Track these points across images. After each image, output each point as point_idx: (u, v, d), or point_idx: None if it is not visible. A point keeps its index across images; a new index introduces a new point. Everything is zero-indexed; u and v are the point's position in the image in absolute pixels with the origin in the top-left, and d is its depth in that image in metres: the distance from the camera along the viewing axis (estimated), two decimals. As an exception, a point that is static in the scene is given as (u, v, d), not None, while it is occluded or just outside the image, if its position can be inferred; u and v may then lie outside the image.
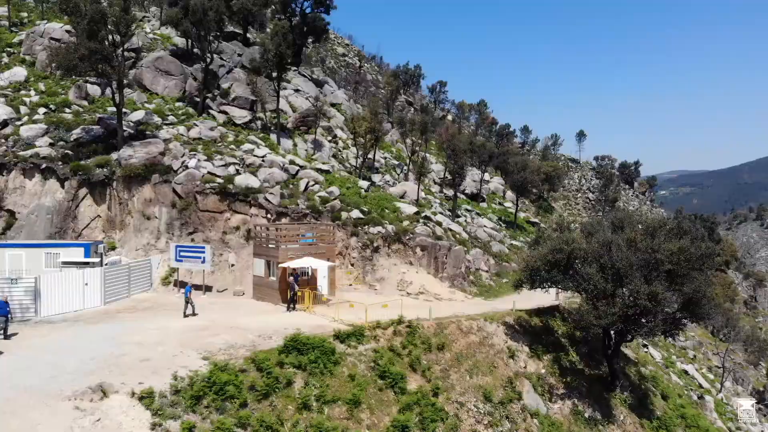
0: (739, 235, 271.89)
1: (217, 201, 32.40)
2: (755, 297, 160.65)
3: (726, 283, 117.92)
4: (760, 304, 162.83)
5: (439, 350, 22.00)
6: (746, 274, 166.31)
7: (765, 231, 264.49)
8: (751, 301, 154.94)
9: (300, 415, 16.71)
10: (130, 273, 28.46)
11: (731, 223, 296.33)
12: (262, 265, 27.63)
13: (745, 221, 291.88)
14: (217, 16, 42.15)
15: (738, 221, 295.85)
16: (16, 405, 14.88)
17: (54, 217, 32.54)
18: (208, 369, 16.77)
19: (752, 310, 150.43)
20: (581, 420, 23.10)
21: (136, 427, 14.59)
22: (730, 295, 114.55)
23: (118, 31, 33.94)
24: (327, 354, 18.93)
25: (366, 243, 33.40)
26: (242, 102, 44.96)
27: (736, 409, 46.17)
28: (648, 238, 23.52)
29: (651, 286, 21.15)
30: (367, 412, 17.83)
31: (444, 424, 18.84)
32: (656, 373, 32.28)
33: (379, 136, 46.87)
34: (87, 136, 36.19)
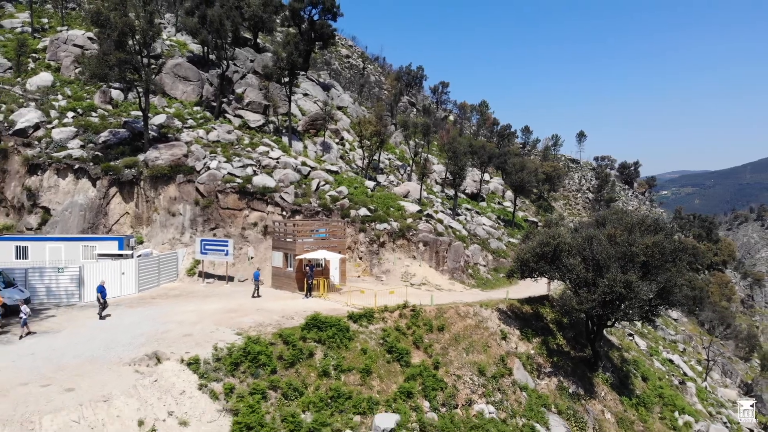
0: (740, 235, 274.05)
1: (236, 199, 35.49)
2: (752, 296, 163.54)
3: (723, 282, 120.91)
4: (756, 303, 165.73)
5: (439, 331, 25.06)
6: (744, 274, 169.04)
7: (765, 231, 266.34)
8: (748, 300, 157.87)
9: (321, 380, 19.78)
10: (160, 264, 31.57)
11: (732, 223, 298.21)
12: (281, 257, 30.71)
13: (746, 222, 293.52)
14: (233, 26, 45.19)
15: (738, 222, 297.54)
16: (84, 370, 17.99)
17: (86, 213, 35.65)
18: (243, 342, 19.85)
19: (749, 309, 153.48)
20: (565, 395, 26.12)
21: (187, 386, 17.67)
22: (727, 294, 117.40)
23: (145, 42, 37.03)
24: (342, 331, 22.02)
25: (373, 238, 36.45)
26: (256, 106, 48.03)
27: (720, 397, 49.21)
28: (626, 233, 26.52)
29: (626, 276, 24.17)
30: (377, 380, 20.89)
31: (443, 393, 21.88)
32: (638, 358, 35.32)
33: (384, 139, 49.91)
34: (114, 139, 39.26)
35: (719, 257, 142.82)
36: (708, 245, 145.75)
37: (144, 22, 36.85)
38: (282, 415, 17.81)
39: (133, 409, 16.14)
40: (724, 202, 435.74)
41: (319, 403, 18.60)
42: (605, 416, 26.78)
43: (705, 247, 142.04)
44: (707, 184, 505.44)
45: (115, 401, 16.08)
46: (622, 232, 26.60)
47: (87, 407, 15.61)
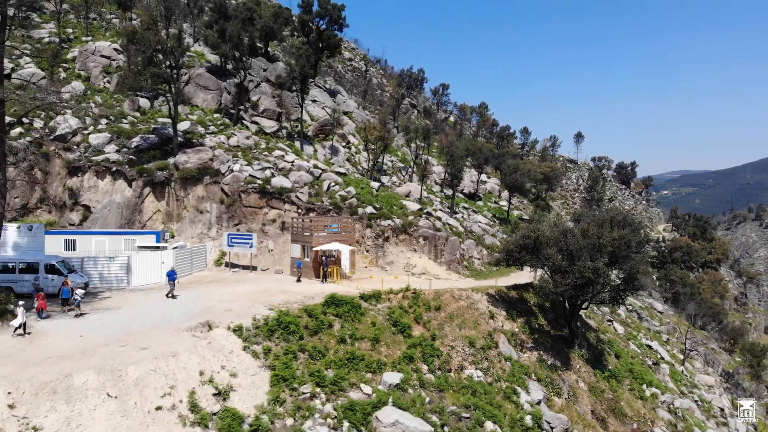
0: (738, 234, 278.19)
1: (257, 198, 40.13)
2: (745, 294, 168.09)
3: (716, 280, 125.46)
4: (750, 300, 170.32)
5: (436, 310, 29.69)
6: (738, 272, 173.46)
7: (764, 231, 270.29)
8: (741, 298, 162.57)
9: (339, 346, 24.41)
10: (192, 255, 36.23)
11: (730, 223, 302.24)
12: (299, 248, 35.37)
13: (744, 221, 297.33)
14: (250, 39, 49.81)
15: (737, 221, 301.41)
16: (151, 335, 22.63)
17: (123, 210, 40.32)
18: (276, 314, 24.50)
19: (742, 307, 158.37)
20: (544, 366, 30.74)
21: (234, 347, 22.30)
22: (720, 291, 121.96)
23: (174, 58, 41.67)
24: (355, 308, 26.67)
25: (378, 233, 41.10)
26: (270, 113, 52.68)
27: (697, 381, 53.80)
28: (597, 228, 31.13)
29: (594, 263, 28.77)
30: (384, 347, 25.53)
31: (439, 359, 26.52)
32: (614, 340, 39.96)
33: (387, 143, 54.53)
34: (144, 144, 43.91)
35: (713, 255, 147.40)
36: (702, 244, 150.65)
37: (173, 40, 41.49)
38: (309, 371, 22.44)
39: (195, 362, 20.77)
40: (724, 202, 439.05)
41: (338, 362, 23.24)
42: (579, 385, 31.42)
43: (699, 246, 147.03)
44: (707, 184, 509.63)
45: (180, 356, 20.72)
46: (593, 226, 31.22)
47: (160, 360, 20.25)
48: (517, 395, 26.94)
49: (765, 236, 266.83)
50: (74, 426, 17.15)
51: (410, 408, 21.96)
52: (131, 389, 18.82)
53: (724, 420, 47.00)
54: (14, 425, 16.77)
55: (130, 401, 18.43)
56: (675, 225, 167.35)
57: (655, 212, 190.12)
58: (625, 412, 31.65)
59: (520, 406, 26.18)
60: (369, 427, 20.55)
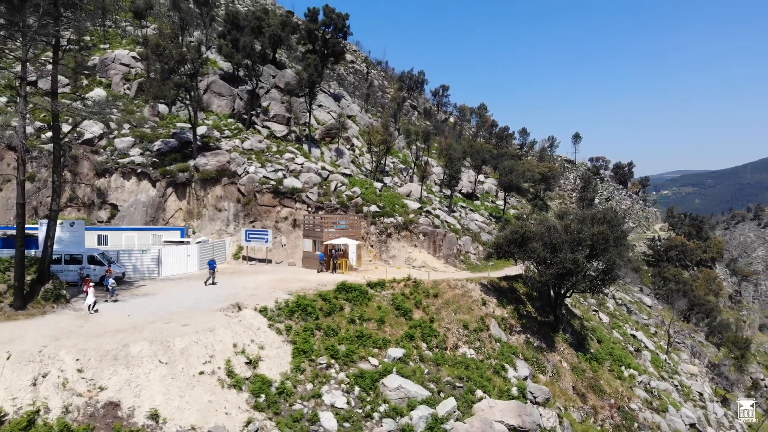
0: (737, 234, 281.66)
1: (271, 198, 44.00)
2: (740, 292, 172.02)
3: (710, 278, 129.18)
4: (744, 298, 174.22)
5: (434, 297, 33.56)
6: (733, 271, 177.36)
7: (762, 231, 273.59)
8: (736, 296, 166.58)
9: (349, 325, 28.28)
10: (214, 249, 40.11)
11: (729, 222, 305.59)
12: (310, 243, 39.25)
13: (743, 221, 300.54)
14: (262, 50, 53.66)
15: (736, 221, 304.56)
16: (189, 315, 26.49)
17: (148, 209, 44.21)
18: (295, 298, 28.38)
19: (737, 304, 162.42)
20: (531, 347, 34.60)
21: (261, 325, 26.15)
22: (715, 289, 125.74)
23: (194, 68, 45.54)
24: (363, 294, 30.55)
25: (382, 230, 44.96)
26: (280, 118, 56.56)
27: (680, 369, 57.58)
28: (578, 224, 34.97)
29: (574, 255, 32.62)
30: (388, 327, 29.41)
31: (436, 339, 30.37)
32: (597, 327, 43.81)
33: (390, 146, 58.40)
34: (165, 147, 47.76)
35: (708, 254, 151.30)
36: (697, 243, 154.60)
37: (193, 51, 45.36)
38: (325, 345, 26.31)
39: (229, 336, 24.64)
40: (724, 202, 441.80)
41: (349, 339, 27.10)
42: (562, 365, 35.28)
43: (694, 245, 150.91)
44: (707, 184, 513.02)
45: (217, 331, 24.58)
46: (575, 223, 35.06)
47: (200, 334, 24.11)
48: (505, 371, 30.78)
49: (763, 236, 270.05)
50: (134, 386, 21.00)
51: (411, 377, 25.85)
52: (178, 357, 22.68)
53: (702, 404, 50.88)
54: (83, 386, 20.64)
55: (178, 367, 22.29)
56: (671, 224, 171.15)
57: (652, 212, 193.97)
58: (604, 389, 35.52)
59: (507, 380, 30.04)
60: (376, 391, 24.43)
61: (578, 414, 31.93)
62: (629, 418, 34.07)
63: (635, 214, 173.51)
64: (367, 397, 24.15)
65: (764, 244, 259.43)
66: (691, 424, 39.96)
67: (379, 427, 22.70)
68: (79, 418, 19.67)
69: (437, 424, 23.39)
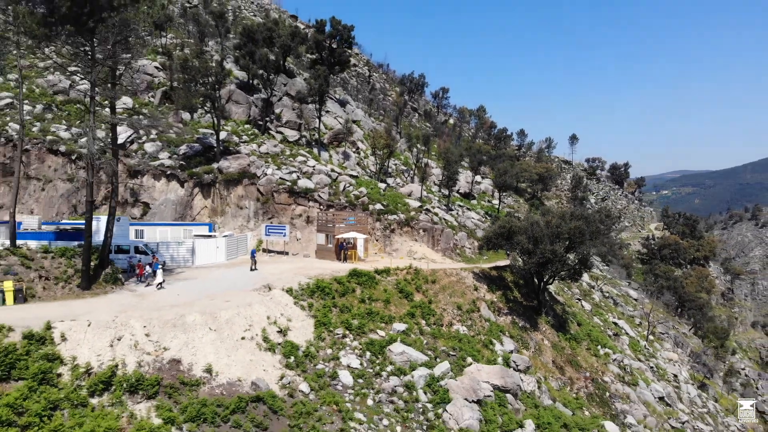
0: (734, 234, 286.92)
1: (286, 197, 49.55)
2: (732, 290, 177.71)
3: (702, 276, 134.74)
4: (736, 296, 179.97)
5: (432, 283, 39.12)
6: (726, 269, 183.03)
7: (759, 230, 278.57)
8: (728, 293, 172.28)
9: (360, 304, 33.85)
10: (238, 242, 45.67)
11: (727, 222, 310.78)
12: (323, 237, 44.81)
13: (741, 221, 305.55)
14: (276, 62, 59.24)
15: (734, 221, 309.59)
16: (228, 294, 32.02)
17: (177, 206, 49.78)
18: (314, 281, 33.96)
19: (729, 302, 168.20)
20: (516, 327, 40.14)
21: (288, 302, 31.71)
22: (707, 286, 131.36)
23: (217, 80, 51.10)
24: (371, 278, 36.12)
25: (386, 225, 50.53)
26: (292, 124, 62.15)
27: (659, 355, 63.05)
28: (557, 220, 40.52)
29: (553, 247, 38.16)
30: (393, 307, 34.97)
31: (434, 317, 35.92)
32: (578, 312, 49.35)
33: (393, 150, 63.94)
34: (190, 151, 53.32)
35: (701, 253, 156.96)
36: (691, 242, 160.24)
37: (217, 65, 50.93)
38: (340, 320, 31.86)
39: (263, 310, 30.19)
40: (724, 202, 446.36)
41: (361, 315, 32.67)
42: (544, 342, 40.84)
43: (687, 244, 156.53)
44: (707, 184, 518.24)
45: (253, 306, 30.15)
46: (555, 219, 40.62)
47: (240, 308, 29.66)
48: (493, 345, 36.34)
49: (760, 236, 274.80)
50: (191, 347, 26.54)
51: (413, 345, 31.43)
52: (224, 325, 28.25)
53: (676, 384, 56.47)
54: (151, 346, 26.17)
55: (224, 333, 27.85)
56: (666, 224, 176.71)
57: (647, 211, 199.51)
58: (581, 364, 41.09)
59: (494, 352, 35.60)
60: (384, 356, 30.02)
61: (556, 383, 37.49)
62: (601, 389, 39.65)
63: (630, 214, 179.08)
64: (376, 360, 29.74)
65: (761, 243, 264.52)
66: (660, 398, 45.53)
67: (387, 383, 28.29)
68: (149, 371, 25.19)
69: (434, 382, 28.99)
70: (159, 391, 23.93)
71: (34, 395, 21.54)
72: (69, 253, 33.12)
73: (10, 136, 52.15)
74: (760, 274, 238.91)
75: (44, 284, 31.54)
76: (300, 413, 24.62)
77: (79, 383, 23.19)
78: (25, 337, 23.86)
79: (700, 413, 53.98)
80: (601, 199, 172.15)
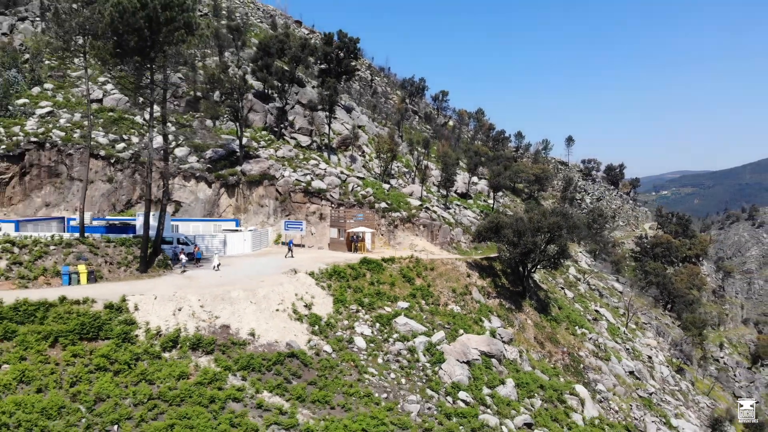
0: (731, 234, 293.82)
1: (302, 196, 56.59)
2: (723, 287, 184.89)
3: (693, 273, 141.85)
4: (727, 293, 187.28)
5: (431, 270, 46.15)
6: (717, 267, 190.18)
7: (755, 230, 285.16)
8: (719, 290, 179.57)
9: (370, 286, 40.92)
10: (261, 236, 52.70)
11: (724, 222, 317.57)
12: (336, 231, 51.86)
13: (737, 221, 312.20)
14: (291, 73, 66.36)
15: (731, 221, 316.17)
16: (262, 276, 39.07)
17: (205, 205, 56.82)
18: (331, 267, 41.04)
19: (720, 299, 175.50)
20: (503, 308, 47.15)
21: (311, 283, 38.76)
22: (698, 284, 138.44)
23: (241, 93, 58.16)
24: (379, 265, 43.18)
25: (390, 222, 57.59)
26: (304, 131, 69.23)
27: (637, 341, 69.98)
28: (539, 215, 47.52)
29: (534, 239, 45.18)
30: (397, 289, 42.03)
31: (432, 298, 42.94)
32: (561, 299, 56.39)
33: (395, 154, 71.00)
34: (215, 155, 60.35)
35: (692, 251, 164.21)
36: (683, 241, 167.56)
37: (239, 79, 58.01)
38: (354, 298, 38.90)
39: (291, 289, 37.22)
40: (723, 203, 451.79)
41: (371, 295, 39.70)
42: (527, 322, 47.89)
43: (679, 243, 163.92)
44: (707, 185, 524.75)
45: (284, 285, 37.19)
46: (537, 215, 47.65)
47: (273, 286, 36.71)
48: (482, 322, 43.36)
49: (757, 236, 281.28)
50: (236, 316, 33.56)
51: (414, 319, 38.48)
52: (261, 300, 35.29)
53: (650, 365, 63.52)
54: (205, 315, 33.18)
55: (262, 305, 34.89)
56: (660, 223, 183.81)
57: (642, 211, 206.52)
58: (559, 341, 48.14)
59: (483, 327, 42.62)
60: (390, 326, 37.07)
61: (536, 355, 44.53)
62: (576, 361, 46.69)
63: (625, 213, 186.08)
64: (384, 330, 36.81)
65: (758, 243, 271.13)
66: (630, 372, 52.58)
67: (393, 347, 35.34)
68: (206, 334, 32.19)
69: (431, 347, 36.05)
70: (215, 349, 30.90)
71: (120, 350, 28.58)
72: (128, 243, 40.23)
73: (54, 142, 59.10)
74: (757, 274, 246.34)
75: (109, 268, 38.65)
76: (325, 367, 31.64)
77: (152, 342, 30.14)
78: (106, 307, 30.88)
79: (671, 390, 61.08)
80: (596, 199, 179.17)
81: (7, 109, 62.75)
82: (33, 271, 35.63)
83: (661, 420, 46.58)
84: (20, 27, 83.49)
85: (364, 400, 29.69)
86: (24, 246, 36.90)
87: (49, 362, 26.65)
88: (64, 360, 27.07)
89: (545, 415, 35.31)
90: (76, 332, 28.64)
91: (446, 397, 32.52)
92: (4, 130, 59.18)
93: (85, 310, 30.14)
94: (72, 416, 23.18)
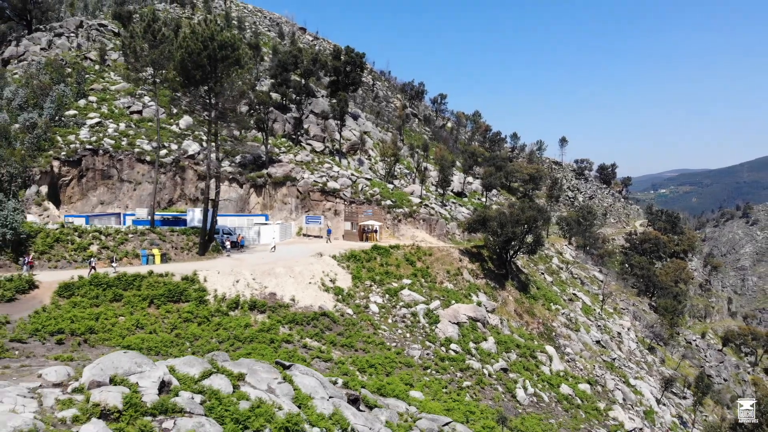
0: (726, 231, 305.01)
1: (319, 195, 67.63)
2: (710, 281, 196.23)
3: (679, 268, 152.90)
4: (713, 287, 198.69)
5: (429, 255, 57.27)
6: (705, 262, 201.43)
7: (749, 228, 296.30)
8: (706, 285, 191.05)
9: (380, 267, 52.07)
10: (286, 229, 63.75)
11: (718, 220, 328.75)
12: (349, 224, 62.94)
13: (732, 219, 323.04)
14: (306, 86, 77.43)
15: (725, 219, 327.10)
16: (296, 258, 50.20)
17: (237, 203, 67.85)
18: (349, 252, 52.18)
19: (706, 292, 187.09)
20: (489, 287, 58.26)
21: (333, 263, 49.85)
22: (684, 278, 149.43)
23: (267, 107, 69.15)
24: (387, 251, 54.35)
25: (394, 217, 68.69)
26: (318, 138, 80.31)
27: (610, 321, 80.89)
28: (518, 210, 58.55)
29: (514, 229, 56.26)
30: (402, 269, 53.16)
31: (430, 277, 54.05)
32: (539, 281, 67.54)
33: (398, 158, 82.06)
34: (244, 160, 71.32)
35: (680, 247, 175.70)
36: (671, 237, 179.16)
37: (265, 95, 69.03)
38: (368, 276, 50.00)
39: (320, 267, 48.29)
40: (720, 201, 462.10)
41: (381, 273, 50.80)
42: (509, 298, 59.01)
43: (667, 239, 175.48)
44: (705, 183, 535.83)
45: (314, 265, 48.28)
46: (517, 210, 58.71)
47: (306, 265, 47.79)
48: (471, 297, 54.44)
49: (751, 233, 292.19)
50: (280, 286, 44.66)
51: (416, 292, 49.58)
52: (297, 275, 46.39)
53: (620, 340, 74.61)
54: (257, 285, 44.24)
55: (298, 279, 45.99)
56: (650, 220, 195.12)
57: (634, 209, 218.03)
58: (536, 314, 59.27)
59: (472, 301, 53.70)
60: (397, 297, 48.18)
61: (515, 323, 55.66)
62: (549, 330, 57.83)
63: (616, 211, 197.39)
64: (392, 299, 47.93)
65: (751, 240, 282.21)
66: (597, 341, 63.72)
67: (399, 312, 46.44)
68: (259, 298, 43.20)
69: (430, 312, 47.18)
70: (266, 309, 41.86)
71: (199, 308, 39.58)
72: (187, 232, 51.29)
73: (106, 149, 70.05)
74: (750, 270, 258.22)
75: (174, 252, 49.70)
76: (349, 323, 42.69)
77: (220, 304, 41.09)
78: (183, 278, 41.89)
79: (637, 361, 72.25)
80: (588, 197, 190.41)
81: (60, 119, 73.68)
82: (118, 253, 46.54)
83: (620, 379, 57.70)
84: (57, 42, 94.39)
85: (379, 346, 40.81)
86: (108, 234, 47.95)
87: (151, 316, 37.66)
88: (161, 315, 38.12)
89: (519, 365, 46.45)
90: (165, 296, 39.69)
91: (441, 347, 43.68)
92: (62, 138, 70.17)
93: (169, 281, 41.22)
94: (181, 347, 34.23)
